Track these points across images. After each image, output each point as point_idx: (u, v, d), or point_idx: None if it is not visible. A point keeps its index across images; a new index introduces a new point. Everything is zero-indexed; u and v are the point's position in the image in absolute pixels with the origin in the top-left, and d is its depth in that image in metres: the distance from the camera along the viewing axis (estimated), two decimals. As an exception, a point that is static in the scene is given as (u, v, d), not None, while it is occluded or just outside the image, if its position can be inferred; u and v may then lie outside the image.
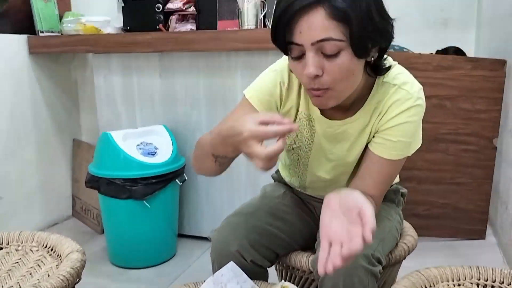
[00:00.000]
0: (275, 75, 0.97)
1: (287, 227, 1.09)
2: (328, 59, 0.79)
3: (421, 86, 0.92)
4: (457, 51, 2.76)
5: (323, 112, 0.96)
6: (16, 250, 1.15)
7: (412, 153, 0.96)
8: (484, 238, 2.08)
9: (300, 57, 0.82)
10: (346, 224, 0.70)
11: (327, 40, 0.77)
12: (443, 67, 1.93)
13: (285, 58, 0.97)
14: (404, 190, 1.20)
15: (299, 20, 0.77)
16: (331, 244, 0.69)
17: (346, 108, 0.95)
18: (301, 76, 0.84)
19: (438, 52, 2.89)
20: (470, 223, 2.08)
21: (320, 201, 1.14)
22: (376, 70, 0.89)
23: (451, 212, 2.08)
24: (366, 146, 0.97)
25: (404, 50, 2.34)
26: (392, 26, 0.84)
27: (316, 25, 0.77)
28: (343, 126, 0.96)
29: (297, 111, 0.99)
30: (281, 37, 0.80)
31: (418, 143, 0.96)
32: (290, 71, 0.96)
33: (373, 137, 0.95)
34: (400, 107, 0.90)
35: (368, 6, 0.77)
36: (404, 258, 1.14)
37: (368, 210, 0.68)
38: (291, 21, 0.78)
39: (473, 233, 2.09)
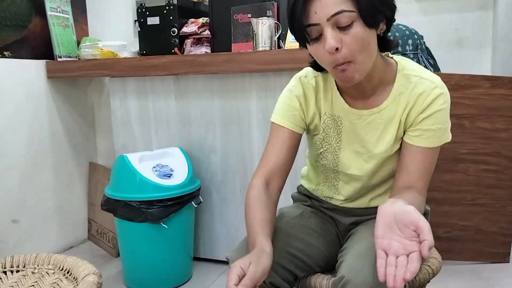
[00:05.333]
0: (290, 93, 1.07)
1: (306, 248, 1.06)
2: (344, 32, 0.87)
3: (438, 77, 0.99)
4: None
5: (350, 105, 1.02)
6: (33, 273, 1.14)
7: (450, 138, 1.00)
8: (508, 262, 2.01)
9: (318, 37, 0.89)
10: (401, 239, 0.76)
11: (340, 12, 0.85)
12: (460, 86, 1.91)
13: (295, 77, 1.08)
14: (427, 208, 1.17)
15: (312, 2, 0.87)
16: (387, 255, 0.76)
17: (370, 95, 1.01)
18: (323, 55, 0.90)
19: None
20: (493, 246, 2.02)
21: (346, 210, 1.13)
22: (387, 44, 0.97)
23: (472, 234, 2.02)
24: (400, 145, 1.01)
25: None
26: None
27: (328, 3, 0.86)
28: (371, 116, 1.01)
29: (320, 115, 1.06)
30: (298, 23, 0.88)
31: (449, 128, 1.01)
32: (302, 86, 1.05)
33: (405, 132, 1.00)
34: (429, 97, 0.96)
35: None
36: (428, 282, 1.09)
37: (425, 226, 0.73)
38: (305, 5, 0.87)
39: (496, 256, 2.02)
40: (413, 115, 0.97)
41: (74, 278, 1.08)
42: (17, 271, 1.15)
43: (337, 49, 0.87)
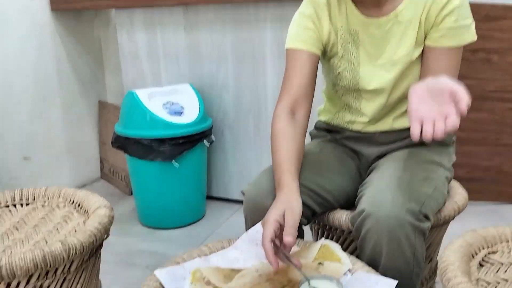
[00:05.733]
0: (301, 15, 1.02)
1: (325, 183, 1.01)
2: None
3: None
4: None
5: (366, 15, 0.98)
6: (43, 206, 1.11)
7: (475, 37, 0.96)
8: (529, 202, 1.97)
9: None
10: (437, 107, 0.73)
11: None
12: (491, 17, 1.77)
13: (305, 1, 1.03)
14: (453, 138, 1.13)
15: None
16: (423, 125, 0.73)
17: (385, 0, 0.96)
18: None
19: None
20: (515, 186, 1.96)
21: (369, 137, 1.08)
22: None
23: (494, 175, 1.95)
24: (421, 51, 0.97)
25: None
26: None
27: None
28: (389, 23, 0.97)
29: (336, 32, 1.01)
30: None
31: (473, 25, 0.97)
32: (313, 5, 1.00)
33: (427, 36, 0.95)
34: None
35: None
36: (453, 218, 1.05)
37: (460, 88, 0.72)
38: None
39: (517, 197, 1.97)
40: (433, 14, 0.93)
41: (85, 211, 1.05)
42: (27, 204, 1.12)
43: None
